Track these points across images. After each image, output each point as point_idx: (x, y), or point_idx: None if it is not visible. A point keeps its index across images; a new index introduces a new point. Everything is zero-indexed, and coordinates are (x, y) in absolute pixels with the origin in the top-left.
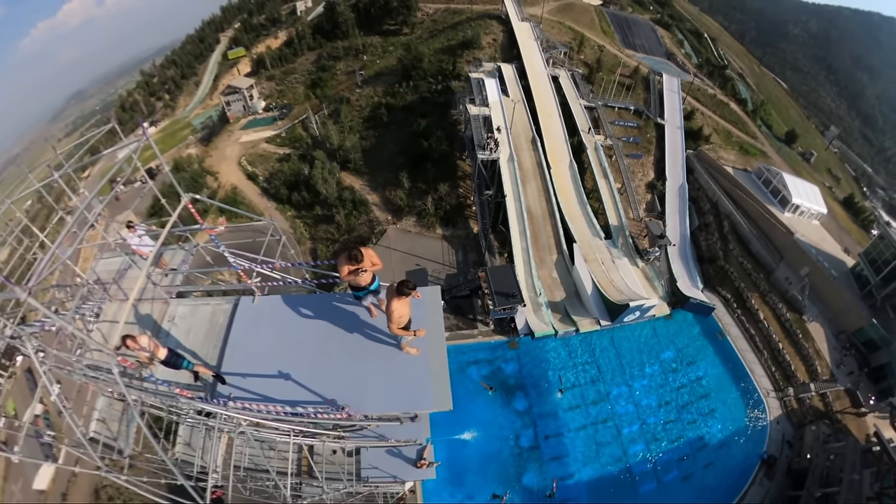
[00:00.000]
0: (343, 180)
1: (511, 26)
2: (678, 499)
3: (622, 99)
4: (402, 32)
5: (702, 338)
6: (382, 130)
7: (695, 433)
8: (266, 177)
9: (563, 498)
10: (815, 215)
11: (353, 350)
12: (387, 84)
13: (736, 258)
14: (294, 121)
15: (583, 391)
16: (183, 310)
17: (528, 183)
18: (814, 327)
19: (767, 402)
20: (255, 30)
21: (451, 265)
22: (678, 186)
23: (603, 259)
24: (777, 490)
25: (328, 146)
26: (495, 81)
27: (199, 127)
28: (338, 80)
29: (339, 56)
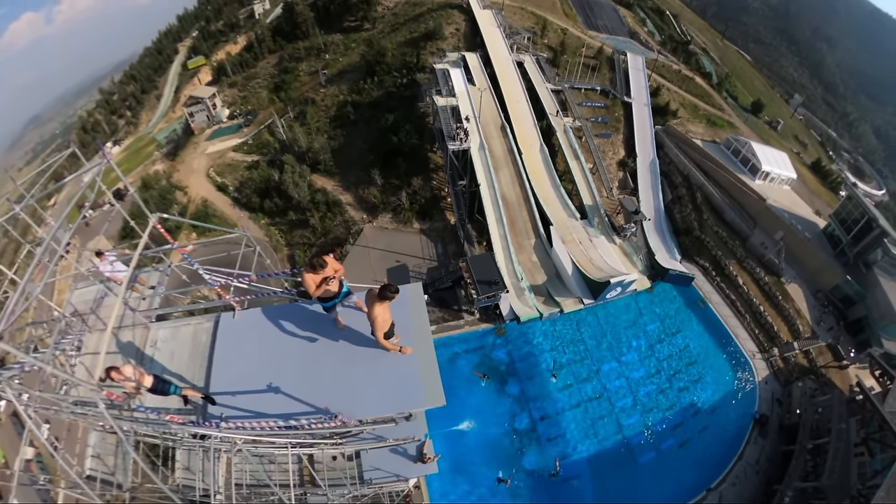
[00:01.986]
0: (315, 183)
1: (473, 15)
2: (677, 465)
3: (588, 80)
4: (364, 28)
5: (684, 307)
6: (350, 129)
7: (687, 400)
8: (236, 186)
9: (566, 475)
10: (786, 181)
11: (341, 356)
12: (351, 81)
13: (711, 228)
14: (260, 126)
15: (573, 370)
16: (164, 333)
17: (501, 170)
18: (792, 288)
19: (754, 363)
20: (214, 37)
21: (431, 258)
22: (649, 162)
23: (580, 239)
24: (771, 447)
25: (296, 149)
26: (460, 71)
27: (164, 141)
28: (301, 82)
29: (300, 57)
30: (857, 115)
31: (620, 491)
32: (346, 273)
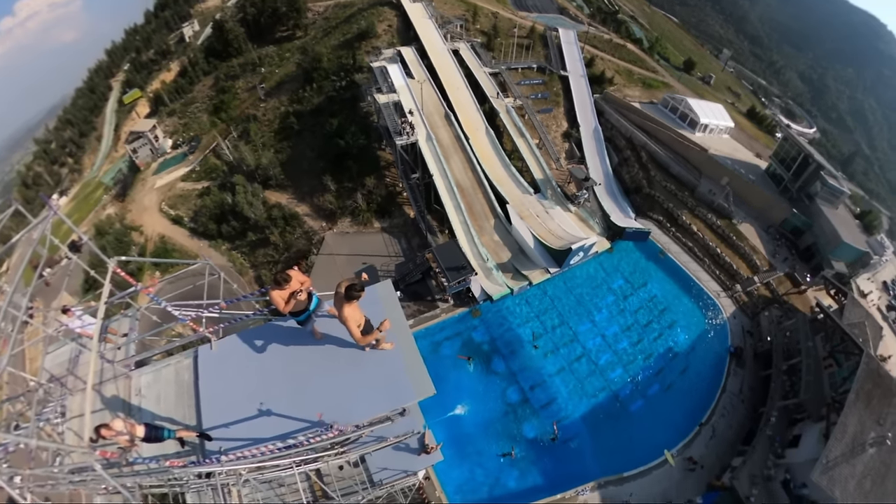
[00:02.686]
0: (269, 199)
1: (404, 9)
2: (667, 408)
3: (524, 59)
4: (296, 36)
5: (645, 261)
6: (296, 139)
7: (664, 346)
8: (191, 216)
9: (565, 437)
10: (724, 130)
11: (325, 366)
12: (290, 92)
13: (659, 183)
14: (205, 151)
15: (552, 337)
16: (146, 379)
17: (451, 158)
18: (744, 228)
19: (720, 302)
20: (146, 67)
21: (396, 255)
22: (592, 130)
23: (537, 212)
24: (750, 375)
25: (245, 168)
26: (398, 66)
27: (112, 183)
28: (240, 99)
29: (236, 74)
30: (783, 63)
31: (618, 441)
32: (313, 283)
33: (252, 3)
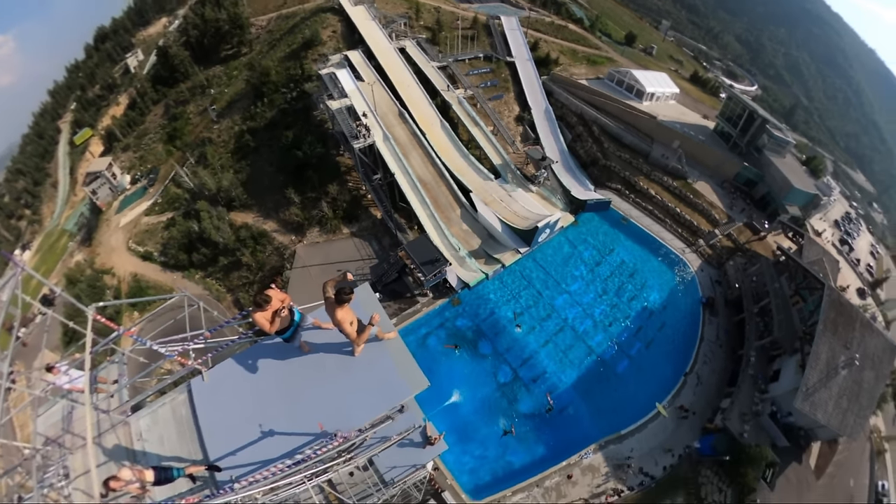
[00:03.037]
0: (235, 221)
1: (346, 14)
2: (650, 363)
3: (470, 50)
4: (242, 53)
5: (610, 228)
6: (254, 156)
7: (639, 306)
8: (160, 250)
9: (560, 406)
10: (670, 97)
11: (317, 377)
12: (242, 110)
13: (614, 153)
14: (165, 182)
15: (532, 313)
16: (145, 422)
17: (410, 154)
18: (700, 186)
19: (686, 257)
20: (94, 103)
21: (370, 257)
22: (543, 111)
23: (500, 197)
24: (725, 321)
25: (207, 193)
26: (346, 71)
27: (75, 229)
28: (193, 124)
29: (186, 99)
30: (720, 29)
31: (611, 402)
32: (292, 298)
33: (194, 24)
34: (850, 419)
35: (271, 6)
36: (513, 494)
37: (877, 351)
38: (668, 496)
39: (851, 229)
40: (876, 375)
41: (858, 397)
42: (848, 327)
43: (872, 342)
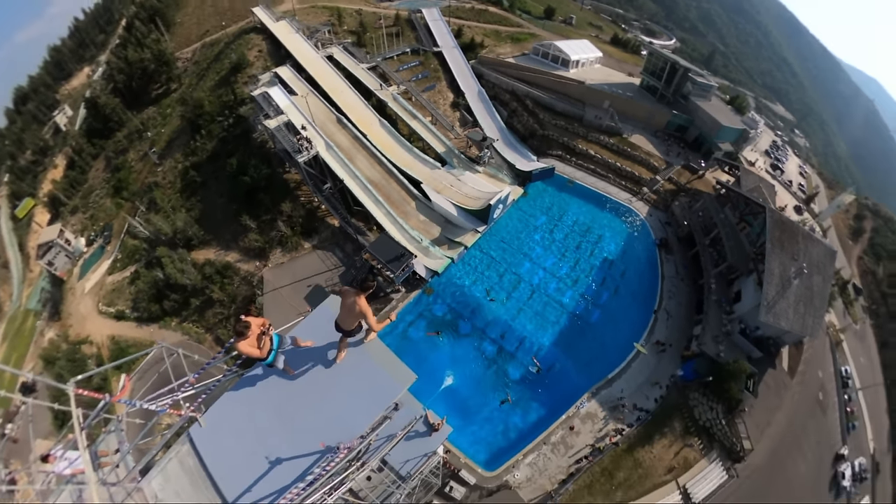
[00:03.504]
0: (197, 259)
1: (270, 31)
2: (620, 308)
3: (396, 47)
4: (173, 89)
5: (558, 193)
6: (203, 191)
7: (599, 259)
8: (131, 306)
9: (547, 365)
10: (594, 61)
11: (308, 395)
12: (182, 146)
13: (550, 123)
14: (120, 236)
15: (502, 286)
16: (157, 482)
17: (355, 158)
18: (636, 139)
19: (634, 206)
20: (29, 171)
21: (336, 266)
22: (476, 94)
23: (450, 182)
24: (681, 257)
25: (164, 238)
26: (278, 87)
27: (40, 306)
28: (137, 171)
29: (124, 147)
30: None
31: (593, 351)
32: (270, 321)
33: (119, 69)
34: (809, 321)
35: (194, 36)
36: (524, 457)
37: (820, 257)
38: (665, 424)
39: (780, 156)
40: (823, 279)
41: (812, 301)
42: (792, 241)
43: (815, 251)
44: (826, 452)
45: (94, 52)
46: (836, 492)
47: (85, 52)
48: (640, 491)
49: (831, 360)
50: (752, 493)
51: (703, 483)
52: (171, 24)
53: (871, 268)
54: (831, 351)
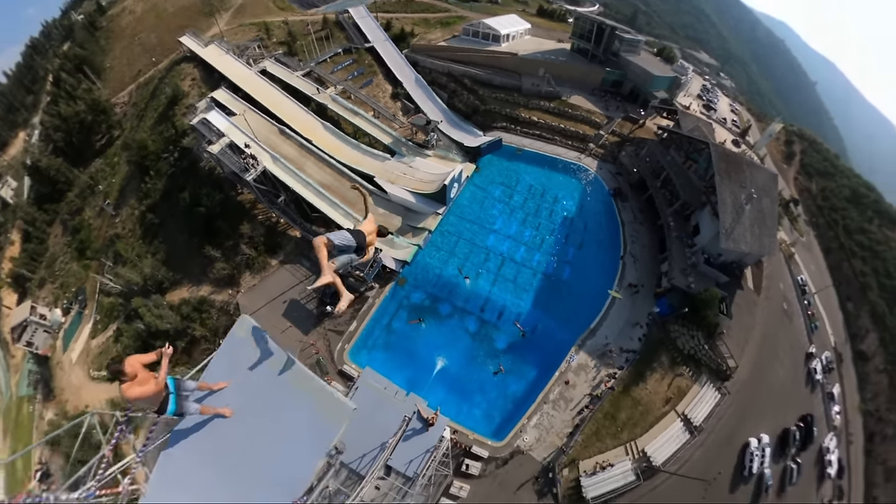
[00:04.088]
0: (172, 301)
1: (200, 58)
2: (588, 260)
3: (328, 49)
4: (115, 137)
5: (508, 163)
6: (163, 232)
7: (559, 218)
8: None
9: (530, 328)
10: (524, 33)
11: (246, 443)
12: (135, 191)
13: (490, 97)
14: (95, 297)
15: (472, 262)
16: None
17: (304, 165)
18: (575, 99)
19: (583, 162)
20: None
21: (307, 277)
22: (414, 81)
23: (402, 171)
24: (635, 203)
25: (136, 289)
26: (216, 111)
27: (31, 390)
28: (95, 227)
29: (78, 207)
30: None
31: (571, 306)
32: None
33: (55, 127)
34: (765, 240)
35: (127, 78)
36: (528, 420)
37: (764, 182)
38: (653, 360)
39: (711, 97)
40: (770, 201)
41: (764, 222)
42: (737, 170)
43: (759, 176)
44: (798, 354)
45: (26, 114)
46: (812, 386)
47: (16, 117)
48: (644, 426)
49: (788, 272)
50: (745, 405)
51: (700, 406)
52: (101, 70)
53: (807, 185)
54: (786, 264)
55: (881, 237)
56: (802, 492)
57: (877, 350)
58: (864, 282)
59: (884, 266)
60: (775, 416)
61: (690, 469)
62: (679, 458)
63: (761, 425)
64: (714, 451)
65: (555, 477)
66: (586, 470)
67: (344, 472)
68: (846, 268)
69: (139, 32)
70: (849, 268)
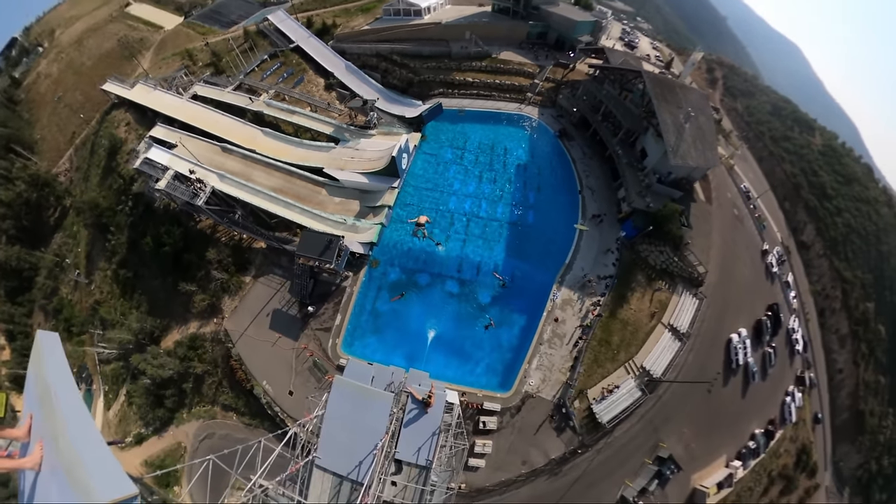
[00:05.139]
0: (167, 345)
1: (130, 100)
2: (549, 201)
3: (255, 58)
4: (67, 206)
5: (453, 125)
6: (139, 282)
7: (513, 168)
8: (142, 424)
9: (509, 276)
10: (444, 2)
11: None
12: (101, 253)
13: (422, 68)
14: (96, 370)
15: (439, 227)
16: None
17: (253, 175)
18: (505, 55)
19: (525, 112)
20: None
21: (280, 283)
22: (344, 68)
23: (350, 156)
24: (581, 140)
25: (131, 347)
26: (155, 148)
27: None
28: (75, 302)
29: (52, 287)
30: None
31: (542, 247)
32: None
33: (1, 216)
34: (708, 154)
35: (62, 144)
36: (529, 364)
37: (697, 101)
38: (631, 281)
39: (632, 38)
40: (706, 118)
41: (705, 137)
42: (672, 93)
43: (692, 97)
44: (754, 252)
45: None
46: (771, 278)
47: None
48: (637, 344)
49: (732, 182)
50: (720, 305)
51: (683, 314)
52: (32, 143)
53: (733, 105)
54: (729, 175)
55: (803, 141)
56: (781, 370)
57: (815, 239)
58: (796, 182)
59: (809, 166)
60: (747, 311)
61: (687, 374)
62: (676, 366)
63: (738, 321)
64: (704, 353)
65: (568, 411)
66: (595, 397)
67: (347, 486)
68: (778, 172)
69: (62, 94)
70: (781, 171)
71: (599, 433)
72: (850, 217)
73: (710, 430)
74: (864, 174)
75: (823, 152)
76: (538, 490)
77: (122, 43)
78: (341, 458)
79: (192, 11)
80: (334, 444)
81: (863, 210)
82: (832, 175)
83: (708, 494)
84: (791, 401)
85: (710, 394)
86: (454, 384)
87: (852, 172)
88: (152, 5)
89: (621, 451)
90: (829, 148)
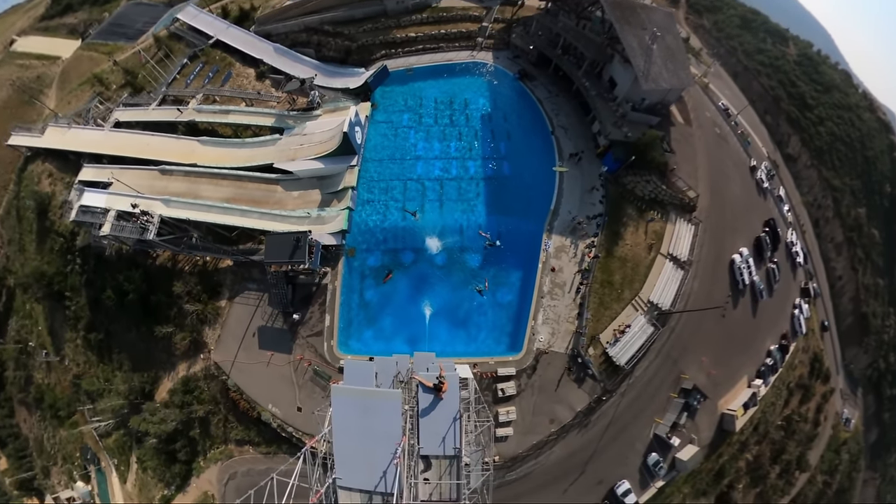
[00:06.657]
0: (163, 398)
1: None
2: (522, 148)
3: (173, 67)
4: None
5: (404, 87)
6: (113, 341)
7: (477, 119)
8: (164, 487)
9: (494, 233)
10: None
11: None
12: (63, 323)
13: (358, 33)
14: (99, 447)
15: (410, 197)
16: None
17: (200, 191)
18: (445, 1)
19: (479, 58)
20: None
21: (258, 297)
22: (273, 52)
23: (299, 143)
24: (545, 78)
25: (126, 411)
26: (87, 192)
27: None
28: (54, 384)
29: (25, 376)
30: None
31: (524, 198)
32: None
33: None
34: (681, 74)
35: None
36: (535, 320)
37: (661, 20)
38: (622, 216)
39: None
40: (673, 37)
41: (674, 57)
42: (633, 15)
43: (655, 16)
44: (743, 170)
45: None
46: (763, 194)
47: None
48: (640, 279)
49: (709, 101)
50: (717, 227)
51: (681, 241)
52: None
53: (699, 22)
54: (706, 94)
55: (777, 53)
56: (786, 284)
57: (801, 150)
58: (775, 94)
59: (786, 77)
60: (745, 229)
61: (695, 301)
62: (683, 295)
63: (738, 241)
64: (708, 278)
65: (584, 360)
66: (608, 340)
67: (378, 499)
68: (756, 86)
69: None
70: (758, 85)
71: (620, 376)
72: (833, 125)
73: (728, 354)
74: (843, 81)
75: (799, 62)
76: (572, 445)
77: (16, 87)
78: (362, 472)
79: (89, 31)
80: (351, 459)
81: (845, 117)
82: (810, 84)
83: (736, 417)
84: (799, 313)
85: (724, 318)
86: (463, 357)
87: (831, 80)
88: (40, 35)
89: (646, 390)
90: (804, 57)
